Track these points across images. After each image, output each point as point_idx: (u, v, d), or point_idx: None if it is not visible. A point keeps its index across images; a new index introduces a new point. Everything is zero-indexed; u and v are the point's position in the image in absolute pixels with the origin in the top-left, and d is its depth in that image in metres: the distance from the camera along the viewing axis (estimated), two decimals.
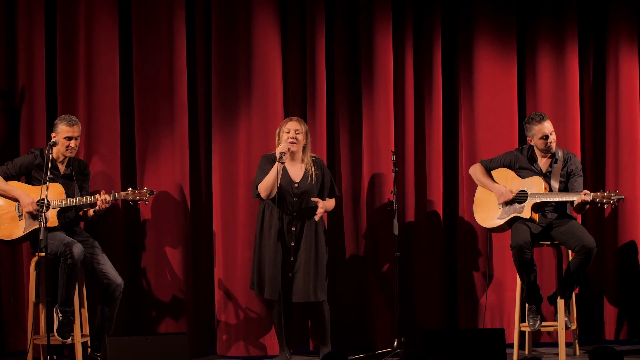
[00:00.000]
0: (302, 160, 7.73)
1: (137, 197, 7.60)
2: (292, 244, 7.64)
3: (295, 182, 7.67)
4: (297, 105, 8.36)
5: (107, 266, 7.61)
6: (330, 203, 7.83)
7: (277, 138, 7.74)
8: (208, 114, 8.30)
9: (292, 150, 7.64)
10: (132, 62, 8.20)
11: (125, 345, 6.70)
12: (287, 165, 7.65)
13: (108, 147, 8.13)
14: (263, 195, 7.60)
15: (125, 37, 8.21)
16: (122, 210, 8.13)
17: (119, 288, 7.59)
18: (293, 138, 7.64)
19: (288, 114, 8.20)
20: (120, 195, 7.57)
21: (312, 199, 7.68)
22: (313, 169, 7.74)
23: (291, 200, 7.64)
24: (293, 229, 7.65)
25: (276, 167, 7.54)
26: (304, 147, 7.72)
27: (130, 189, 7.63)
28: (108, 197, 7.49)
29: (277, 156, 7.55)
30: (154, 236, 8.17)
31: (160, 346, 6.74)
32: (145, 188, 7.68)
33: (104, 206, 7.49)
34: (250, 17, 8.24)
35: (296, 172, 7.71)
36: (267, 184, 7.57)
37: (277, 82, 8.25)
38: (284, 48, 8.33)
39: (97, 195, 7.47)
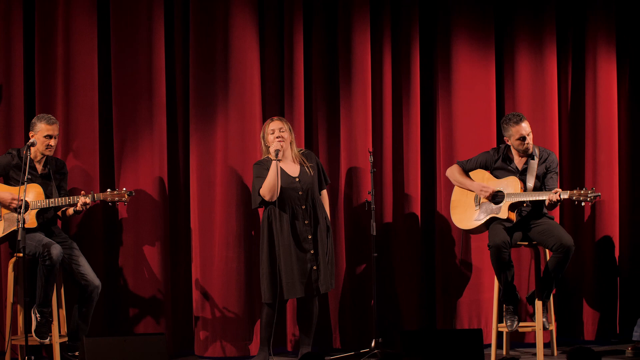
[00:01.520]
0: (293, 156, 7.75)
1: (116, 198, 7.58)
2: (310, 237, 7.66)
3: (295, 177, 7.68)
4: (275, 105, 8.35)
5: (85, 268, 7.60)
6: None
7: (262, 141, 7.75)
8: (186, 113, 8.29)
9: (283, 148, 7.66)
10: (111, 62, 8.18)
11: (103, 346, 6.68)
12: (281, 164, 7.65)
13: (86, 146, 8.12)
14: (267, 197, 7.58)
15: (103, 37, 8.19)
16: (100, 210, 8.11)
17: (96, 290, 7.59)
18: (279, 137, 7.65)
19: (266, 114, 8.20)
20: (99, 196, 7.55)
21: None
22: (307, 163, 7.76)
23: (297, 195, 7.65)
24: (306, 222, 7.66)
25: (275, 165, 7.54)
26: (291, 143, 7.74)
27: (109, 190, 7.61)
28: (89, 201, 7.47)
29: (273, 155, 7.56)
30: (131, 235, 8.16)
31: (138, 347, 6.73)
32: (124, 189, 7.66)
33: (85, 208, 7.50)
34: (228, 17, 8.22)
35: (291, 168, 7.72)
36: (269, 185, 7.56)
37: (254, 81, 8.24)
38: (262, 48, 8.31)
39: (79, 198, 7.45)
